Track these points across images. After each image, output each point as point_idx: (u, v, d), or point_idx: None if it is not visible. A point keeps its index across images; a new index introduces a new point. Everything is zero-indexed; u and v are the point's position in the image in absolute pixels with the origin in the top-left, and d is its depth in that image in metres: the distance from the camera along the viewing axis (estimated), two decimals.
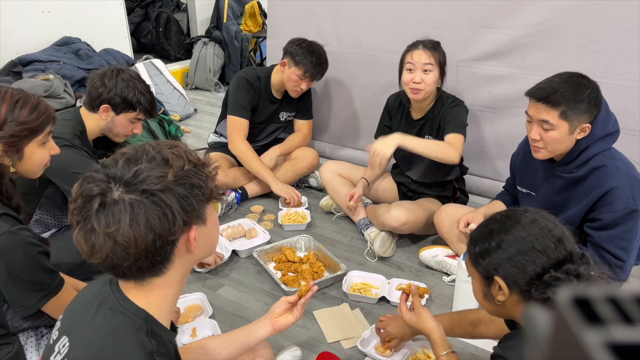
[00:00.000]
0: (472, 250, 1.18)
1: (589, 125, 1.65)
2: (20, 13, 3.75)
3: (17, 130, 1.35)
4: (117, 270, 0.88)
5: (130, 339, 0.87)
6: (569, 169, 1.73)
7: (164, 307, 0.95)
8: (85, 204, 0.85)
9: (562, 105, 1.61)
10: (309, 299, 1.40)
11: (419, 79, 2.14)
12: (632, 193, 1.63)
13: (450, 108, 2.23)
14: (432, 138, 2.31)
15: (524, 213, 1.15)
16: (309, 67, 2.55)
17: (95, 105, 1.96)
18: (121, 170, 0.86)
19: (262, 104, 2.75)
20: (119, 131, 2.03)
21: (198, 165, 0.92)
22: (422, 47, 2.15)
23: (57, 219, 2.04)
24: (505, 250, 1.11)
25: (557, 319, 0.27)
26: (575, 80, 1.64)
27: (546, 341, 0.28)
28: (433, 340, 1.45)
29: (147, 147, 0.91)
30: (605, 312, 0.27)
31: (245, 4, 5.21)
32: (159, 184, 0.85)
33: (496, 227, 1.15)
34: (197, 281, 2.16)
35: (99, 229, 0.83)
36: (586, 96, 1.60)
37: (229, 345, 1.31)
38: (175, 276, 0.93)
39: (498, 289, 1.13)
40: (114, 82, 1.94)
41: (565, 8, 2.15)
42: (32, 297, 1.33)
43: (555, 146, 1.70)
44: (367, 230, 2.41)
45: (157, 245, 0.85)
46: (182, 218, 0.87)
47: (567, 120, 1.63)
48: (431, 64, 2.13)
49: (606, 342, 0.25)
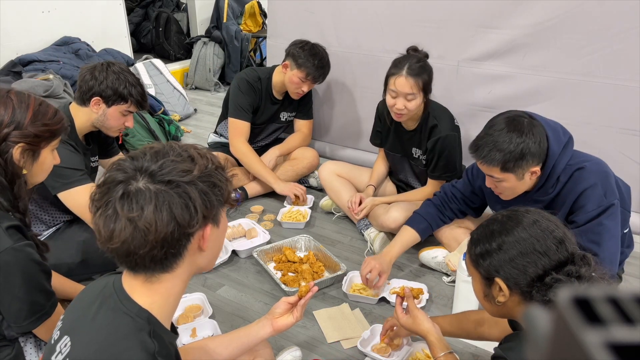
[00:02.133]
0: (473, 251, 1.18)
1: (537, 169, 1.63)
2: (20, 13, 3.75)
3: (40, 131, 1.37)
4: (131, 258, 0.88)
5: (132, 339, 0.87)
6: (545, 192, 1.72)
7: (167, 308, 0.95)
8: (110, 189, 0.87)
9: (500, 161, 1.60)
10: (309, 299, 1.40)
11: (401, 105, 2.12)
12: (603, 189, 1.63)
13: (441, 143, 2.20)
14: (419, 152, 2.33)
15: (526, 214, 1.14)
16: (311, 70, 2.55)
17: (86, 98, 1.96)
18: (148, 162, 0.88)
19: (263, 105, 2.75)
20: (111, 124, 2.03)
21: (219, 168, 0.95)
22: (406, 74, 2.08)
23: (49, 213, 2.04)
24: (506, 251, 1.11)
25: (557, 319, 0.27)
26: (509, 130, 1.59)
27: (546, 341, 0.28)
28: (430, 342, 1.45)
29: (174, 144, 0.95)
30: (605, 312, 0.27)
31: (245, 3, 5.21)
32: (185, 176, 0.88)
33: (497, 228, 1.14)
34: (197, 281, 2.16)
35: (122, 212, 0.85)
36: (523, 147, 1.58)
37: (229, 346, 1.31)
38: (182, 275, 0.94)
39: (498, 290, 1.13)
40: (105, 75, 1.95)
41: (565, 8, 2.15)
42: (27, 317, 1.34)
43: (511, 192, 1.72)
44: (367, 230, 2.41)
45: (175, 235, 0.87)
46: (203, 213, 0.89)
47: (511, 172, 1.62)
48: (413, 93, 2.10)
49: (606, 342, 0.25)
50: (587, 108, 2.22)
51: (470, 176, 2.00)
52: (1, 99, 1.34)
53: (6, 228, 1.28)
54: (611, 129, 2.19)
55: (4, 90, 1.38)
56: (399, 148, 2.43)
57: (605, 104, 2.18)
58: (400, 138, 2.39)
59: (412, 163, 2.41)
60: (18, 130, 1.33)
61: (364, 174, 2.63)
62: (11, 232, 1.29)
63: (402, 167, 2.50)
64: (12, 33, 3.73)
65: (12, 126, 1.33)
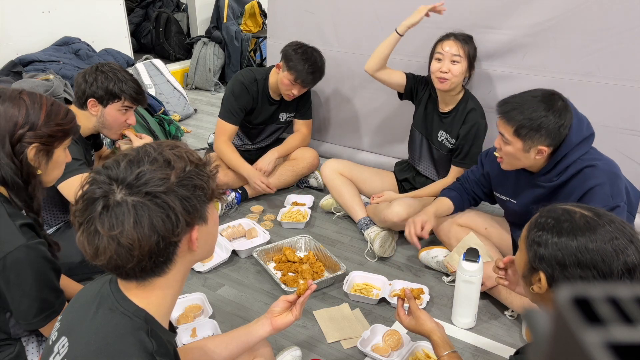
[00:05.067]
0: (533, 234, 1.09)
1: (545, 149, 1.65)
2: (20, 13, 3.75)
3: (54, 131, 1.38)
4: (121, 271, 0.89)
5: (130, 338, 0.87)
6: (549, 178, 1.73)
7: (164, 308, 0.95)
8: (88, 206, 0.85)
9: (517, 123, 1.63)
10: (307, 297, 1.40)
11: (446, 68, 2.16)
12: (611, 190, 1.63)
13: (476, 130, 2.25)
14: (446, 136, 2.34)
15: (607, 225, 1.02)
16: (301, 74, 2.53)
17: (83, 102, 2.01)
18: (123, 172, 0.86)
19: (259, 106, 2.75)
20: (112, 124, 2.05)
21: (199, 165, 0.92)
22: (454, 38, 2.19)
23: (50, 213, 2.05)
24: (564, 255, 1.02)
25: (557, 319, 0.27)
26: (542, 101, 1.62)
27: (546, 341, 0.28)
28: (434, 342, 1.45)
29: (149, 148, 0.91)
30: (605, 312, 0.27)
31: (245, 4, 5.21)
32: (162, 185, 0.85)
33: (567, 227, 1.04)
34: (197, 281, 2.16)
35: (103, 231, 0.84)
36: (543, 121, 1.60)
37: (229, 345, 1.31)
38: (176, 276, 0.94)
39: (538, 280, 1.09)
40: (94, 76, 1.99)
41: (565, 8, 2.15)
42: (37, 314, 1.34)
43: (511, 161, 1.74)
44: (367, 230, 2.41)
45: (160, 246, 0.86)
46: (185, 219, 0.88)
47: (521, 138, 1.64)
48: (459, 55, 2.17)
49: (606, 342, 0.25)
50: (586, 108, 2.19)
51: (484, 158, 2.04)
52: (14, 100, 1.34)
53: (20, 226, 1.29)
54: (611, 129, 2.19)
55: (17, 91, 1.38)
56: (425, 128, 2.44)
57: (605, 104, 2.18)
58: (430, 117, 2.40)
59: (433, 146, 2.42)
60: (32, 131, 1.34)
61: (366, 173, 2.63)
62: (24, 230, 1.30)
63: (419, 149, 2.50)
64: (12, 33, 3.73)
65: (26, 127, 1.33)
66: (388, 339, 1.78)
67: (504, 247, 2.10)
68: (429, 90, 2.40)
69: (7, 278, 1.29)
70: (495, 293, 1.97)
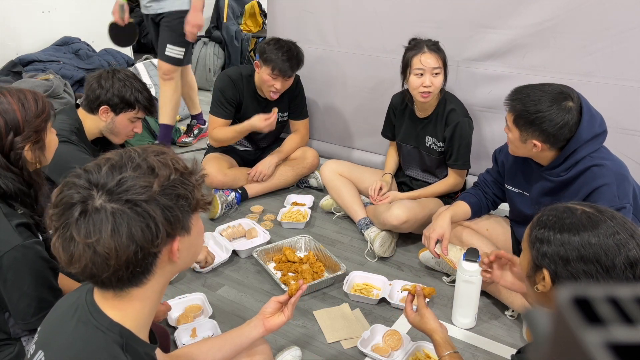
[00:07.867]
0: (535, 232, 1.10)
1: (539, 145, 1.67)
2: (20, 13, 3.75)
3: (37, 125, 1.38)
4: (96, 280, 0.86)
5: (104, 354, 0.84)
6: (556, 173, 1.74)
7: (141, 320, 0.92)
8: (65, 211, 0.82)
9: (516, 113, 1.67)
10: (299, 297, 1.41)
11: (429, 82, 2.16)
12: (618, 191, 1.62)
13: (460, 129, 2.25)
14: (433, 140, 2.35)
15: (609, 220, 1.02)
16: (277, 63, 2.49)
17: (94, 107, 1.98)
18: (105, 177, 0.83)
19: (246, 102, 2.73)
20: (120, 131, 2.05)
21: (185, 174, 0.89)
22: (428, 50, 2.16)
23: None
24: (567, 250, 1.02)
25: (557, 319, 0.27)
26: (548, 97, 1.63)
27: (547, 341, 0.28)
28: (436, 341, 1.45)
29: (133, 153, 0.88)
30: (605, 312, 0.27)
31: (245, 4, 5.21)
32: (143, 194, 0.82)
33: (569, 222, 1.04)
34: (197, 281, 2.16)
35: (79, 238, 0.80)
36: (539, 117, 1.61)
37: (222, 348, 1.31)
38: (154, 287, 0.91)
39: (542, 279, 1.08)
40: (111, 83, 1.95)
41: (565, 8, 2.15)
42: (35, 314, 1.34)
43: (512, 147, 1.79)
44: (367, 230, 2.41)
45: (138, 256, 0.83)
46: (166, 230, 0.84)
47: (518, 128, 1.68)
48: (439, 67, 2.17)
49: (606, 342, 0.25)
50: None
51: (498, 153, 2.04)
52: None
53: (16, 225, 1.29)
54: (611, 129, 2.17)
55: None
56: (412, 138, 2.44)
57: (605, 104, 2.17)
58: (414, 127, 2.41)
59: (424, 154, 2.42)
60: (19, 136, 1.34)
61: (365, 174, 2.63)
62: (21, 230, 1.30)
63: (413, 160, 2.51)
64: (12, 33, 3.73)
65: (11, 134, 1.33)
66: (388, 339, 1.78)
67: (505, 248, 2.10)
68: (405, 103, 2.42)
69: (5, 278, 1.29)
70: (495, 293, 1.97)
